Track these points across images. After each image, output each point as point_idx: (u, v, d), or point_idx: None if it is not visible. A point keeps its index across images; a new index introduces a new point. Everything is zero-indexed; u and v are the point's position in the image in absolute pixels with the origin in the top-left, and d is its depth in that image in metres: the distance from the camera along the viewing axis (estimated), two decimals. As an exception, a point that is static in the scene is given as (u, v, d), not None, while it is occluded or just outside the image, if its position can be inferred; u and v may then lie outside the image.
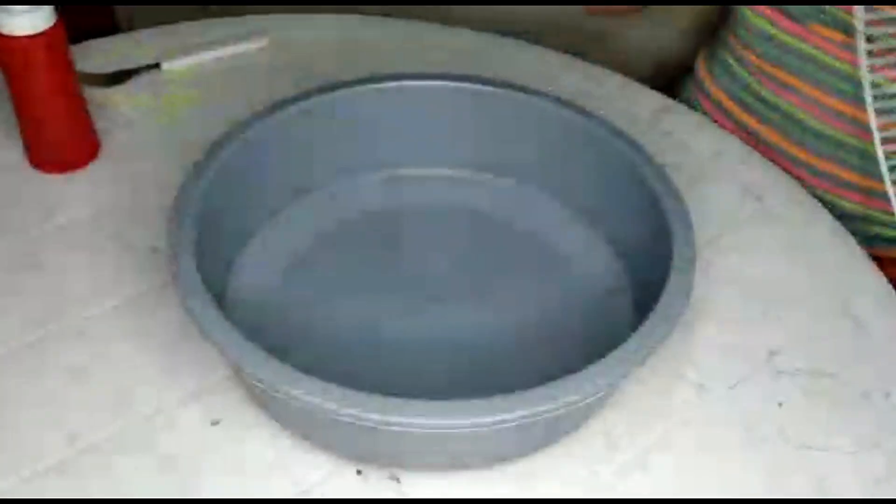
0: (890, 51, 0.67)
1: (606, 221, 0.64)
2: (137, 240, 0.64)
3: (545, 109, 0.64)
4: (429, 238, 0.65)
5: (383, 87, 0.65)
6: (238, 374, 0.55)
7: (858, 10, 0.64)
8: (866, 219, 0.77)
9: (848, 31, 0.70)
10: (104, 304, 0.59)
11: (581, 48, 1.12)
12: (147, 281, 0.61)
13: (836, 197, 0.77)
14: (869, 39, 0.66)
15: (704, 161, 0.74)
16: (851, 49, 0.70)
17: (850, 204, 0.76)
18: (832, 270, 0.64)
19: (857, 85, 0.69)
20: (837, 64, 0.72)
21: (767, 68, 0.77)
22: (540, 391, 0.45)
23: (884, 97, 0.67)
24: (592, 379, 0.46)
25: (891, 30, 0.66)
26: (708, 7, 1.04)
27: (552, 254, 0.64)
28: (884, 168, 0.64)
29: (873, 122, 0.65)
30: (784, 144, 0.78)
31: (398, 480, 0.50)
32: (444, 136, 0.68)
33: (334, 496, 0.50)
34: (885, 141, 0.66)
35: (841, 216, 0.71)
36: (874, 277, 0.64)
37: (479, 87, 0.66)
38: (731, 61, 0.81)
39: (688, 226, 0.55)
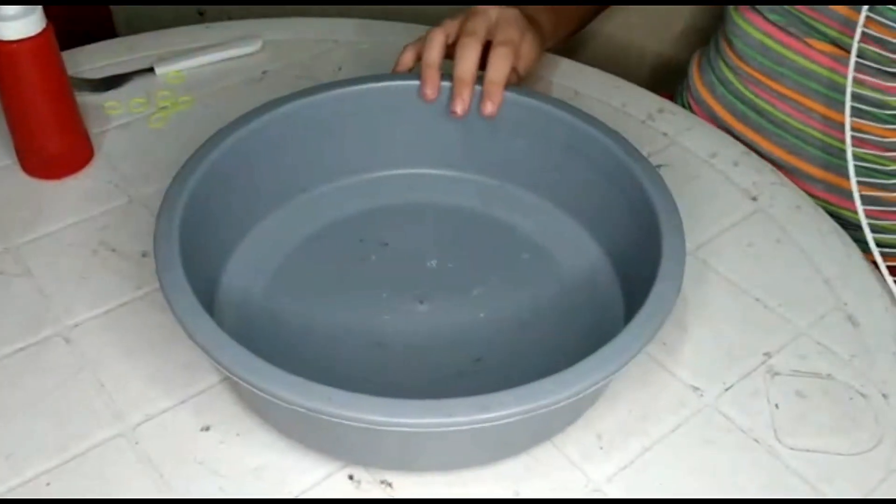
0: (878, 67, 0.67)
1: (596, 220, 0.64)
2: (129, 245, 0.64)
3: (537, 109, 0.64)
4: (419, 238, 0.65)
5: (371, 87, 0.65)
6: (228, 378, 0.55)
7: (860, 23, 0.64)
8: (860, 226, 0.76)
9: (834, 40, 0.70)
10: (94, 310, 0.59)
11: (577, 48, 1.12)
12: (138, 286, 0.61)
13: (834, 206, 0.76)
14: (861, 55, 0.65)
15: (700, 162, 0.73)
16: (839, 60, 0.70)
17: (847, 212, 0.76)
18: (828, 271, 0.64)
19: (853, 96, 0.69)
20: (836, 77, 0.72)
21: (764, 80, 0.77)
22: (533, 387, 0.45)
23: (863, 101, 0.68)
24: (582, 376, 0.46)
25: (881, 51, 0.66)
26: (703, 8, 1.04)
27: (543, 253, 0.64)
28: (851, 170, 0.64)
29: (848, 122, 0.65)
30: (779, 153, 0.78)
31: (390, 485, 0.50)
32: (434, 136, 0.67)
33: (325, 501, 0.49)
34: (861, 142, 0.66)
35: (840, 225, 0.71)
36: (871, 279, 0.63)
37: None
38: (725, 71, 0.80)
39: (676, 221, 0.55)
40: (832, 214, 0.74)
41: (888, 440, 0.53)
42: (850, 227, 0.72)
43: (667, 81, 0.99)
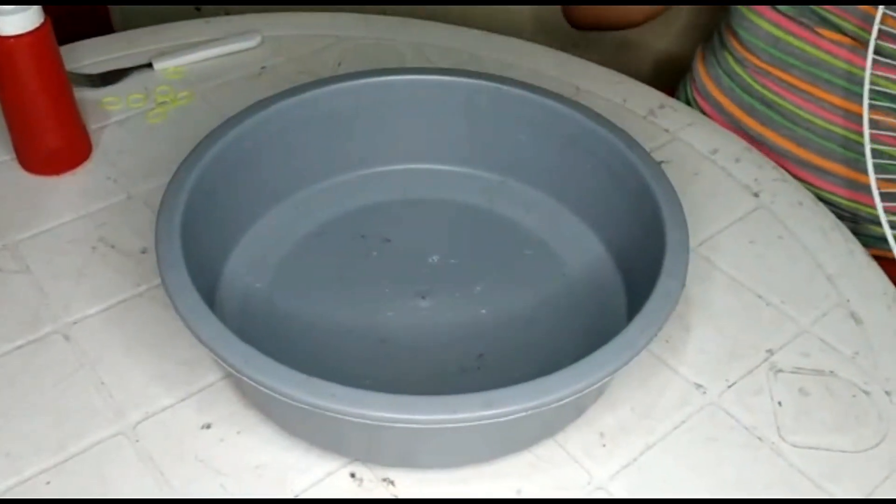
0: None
1: (599, 216, 0.64)
2: (128, 241, 0.63)
3: (540, 105, 0.63)
4: (421, 234, 0.65)
5: (373, 82, 0.64)
6: (230, 376, 0.54)
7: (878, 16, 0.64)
8: (873, 219, 0.76)
9: (853, 35, 0.70)
10: (94, 307, 0.59)
11: (577, 44, 1.12)
12: (137, 283, 0.60)
13: (843, 198, 0.76)
14: (879, 52, 0.65)
15: (701, 158, 0.73)
16: (858, 52, 0.70)
17: (858, 205, 0.76)
18: (831, 268, 0.64)
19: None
20: (848, 67, 0.71)
21: (773, 71, 0.76)
22: (538, 383, 0.45)
23: (884, 97, 0.67)
24: (589, 371, 0.46)
25: None
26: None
27: (545, 249, 0.63)
28: (869, 164, 0.64)
29: (866, 115, 0.65)
30: (788, 146, 0.77)
31: (392, 483, 0.50)
32: (437, 131, 0.67)
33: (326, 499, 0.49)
34: (875, 133, 0.66)
35: (847, 217, 0.70)
36: (874, 275, 0.63)
37: (468, 80, 0.65)
38: (732, 63, 0.80)
39: (680, 217, 0.55)
40: (843, 208, 0.73)
41: (891, 437, 0.53)
42: (862, 221, 0.71)
43: (667, 77, 0.99)
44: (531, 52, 0.85)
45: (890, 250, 0.78)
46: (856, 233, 0.67)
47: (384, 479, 0.50)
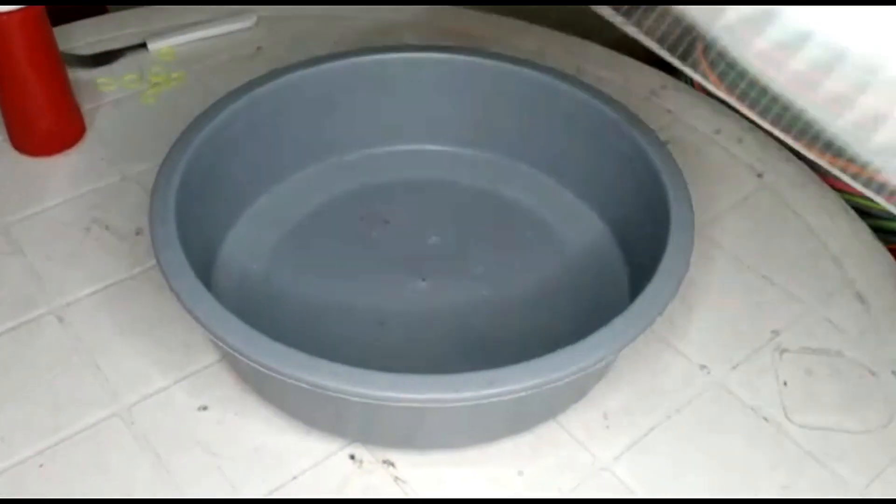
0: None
1: (601, 196, 0.63)
2: (122, 222, 0.62)
3: (541, 83, 0.62)
4: (420, 215, 0.64)
5: (372, 60, 0.63)
6: (226, 357, 0.53)
7: None
8: (868, 212, 0.75)
9: None
10: (88, 288, 0.58)
11: (577, 23, 1.11)
12: (132, 264, 0.59)
13: (844, 193, 0.75)
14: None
15: (704, 138, 0.72)
16: None
17: (861, 200, 0.75)
18: (836, 248, 0.63)
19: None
20: None
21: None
22: (541, 361, 0.44)
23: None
24: (593, 349, 0.45)
25: None
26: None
27: (546, 230, 0.63)
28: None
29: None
30: (788, 137, 0.76)
31: (393, 465, 0.49)
32: (436, 112, 0.66)
33: (326, 481, 0.48)
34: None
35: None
36: (879, 255, 0.63)
37: (466, 58, 0.64)
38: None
39: (684, 194, 0.54)
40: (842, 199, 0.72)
41: (899, 418, 0.52)
42: (863, 217, 0.70)
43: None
44: (532, 32, 0.84)
45: (890, 243, 0.77)
46: None
47: (384, 461, 0.49)
